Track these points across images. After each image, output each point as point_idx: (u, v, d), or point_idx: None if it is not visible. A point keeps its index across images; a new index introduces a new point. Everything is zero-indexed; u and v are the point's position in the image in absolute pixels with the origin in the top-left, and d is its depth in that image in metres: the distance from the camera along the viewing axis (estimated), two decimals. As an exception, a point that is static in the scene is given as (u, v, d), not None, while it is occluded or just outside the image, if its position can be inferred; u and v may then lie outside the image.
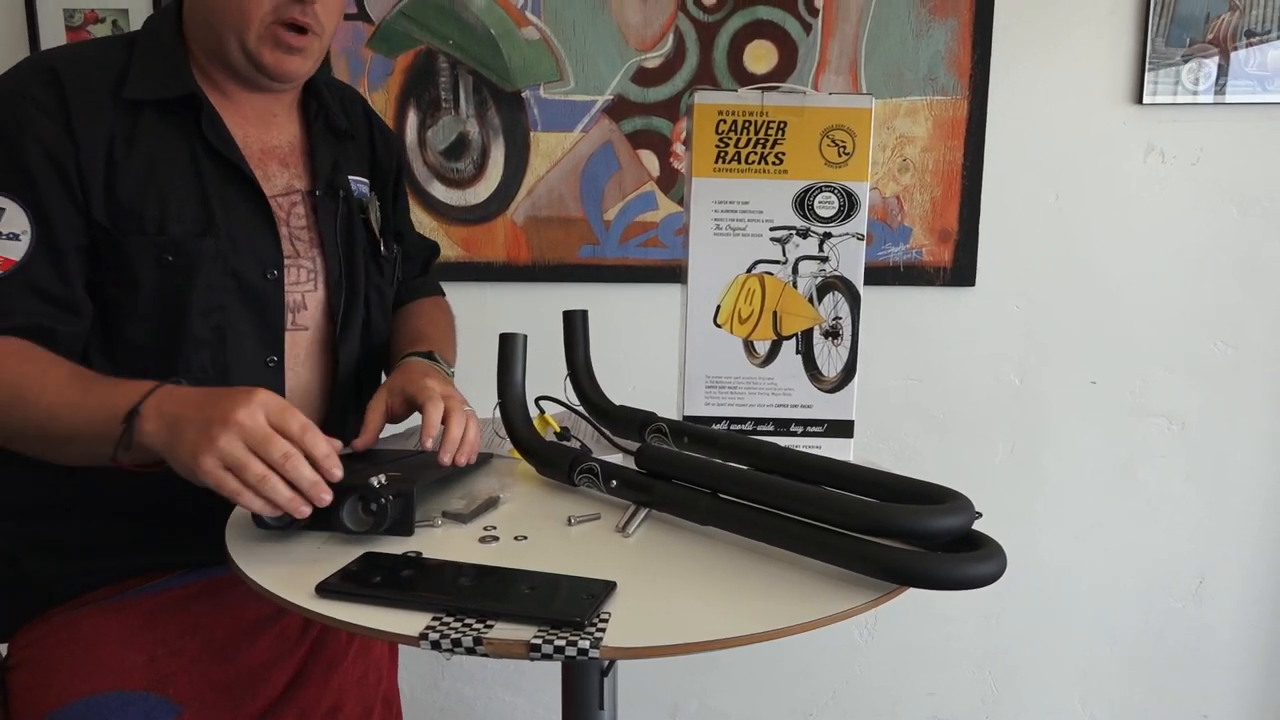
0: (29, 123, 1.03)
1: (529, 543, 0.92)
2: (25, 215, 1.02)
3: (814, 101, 1.11)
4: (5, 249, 1.02)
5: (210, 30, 1.10)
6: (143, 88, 1.08)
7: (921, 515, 0.82)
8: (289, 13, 1.08)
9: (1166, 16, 1.83)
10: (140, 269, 1.06)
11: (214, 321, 1.09)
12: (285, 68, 1.11)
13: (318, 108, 1.23)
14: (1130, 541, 2.04)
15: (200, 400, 0.90)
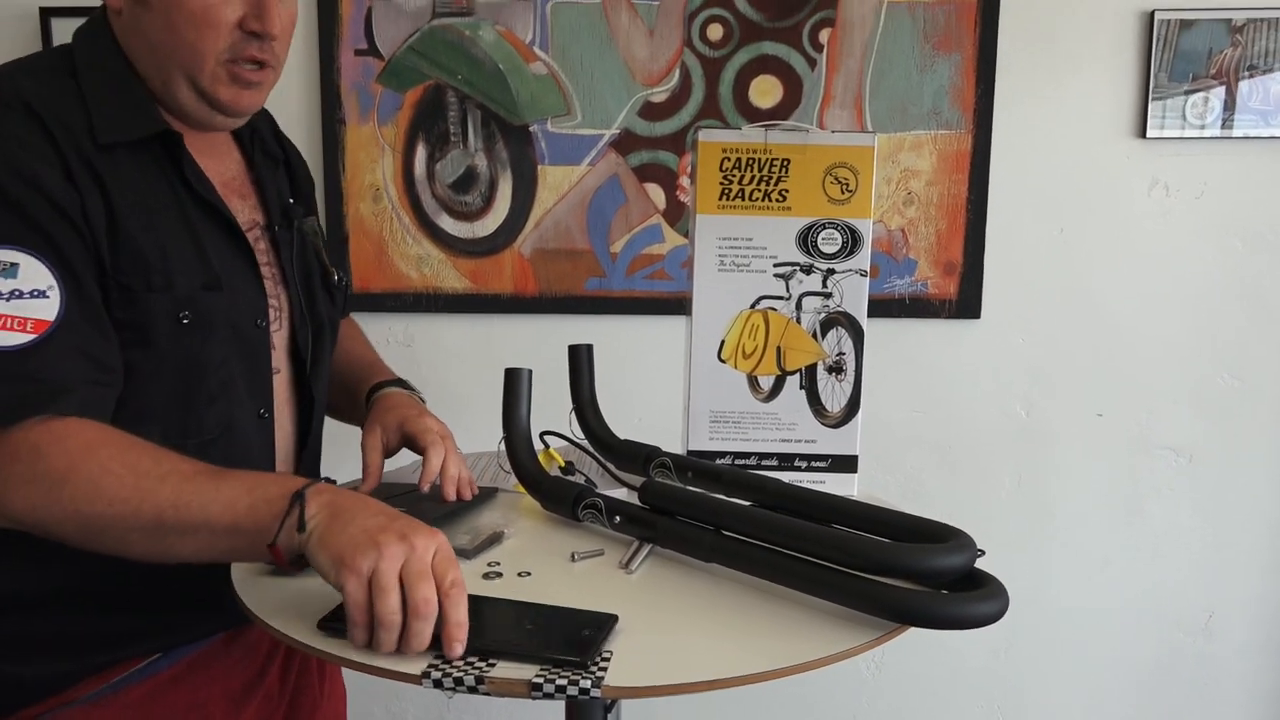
0: (22, 167, 0.92)
1: (532, 579, 0.92)
2: (46, 268, 0.91)
3: (817, 139, 1.12)
4: (34, 309, 0.90)
5: (155, 69, 1.01)
6: (115, 128, 0.98)
7: (924, 554, 0.82)
8: (247, 50, 1.01)
9: (1169, 51, 1.85)
10: (157, 328, 0.98)
11: (221, 377, 1.04)
12: (242, 104, 1.04)
13: (250, 133, 1.15)
14: (1138, 575, 2.02)
15: (372, 505, 0.84)
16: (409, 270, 1.94)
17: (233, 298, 1.04)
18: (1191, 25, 1.84)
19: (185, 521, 0.86)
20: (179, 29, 0.98)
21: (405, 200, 1.92)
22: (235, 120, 1.08)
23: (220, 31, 0.98)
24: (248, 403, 1.08)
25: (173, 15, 0.97)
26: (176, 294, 0.99)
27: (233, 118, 1.07)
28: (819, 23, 1.86)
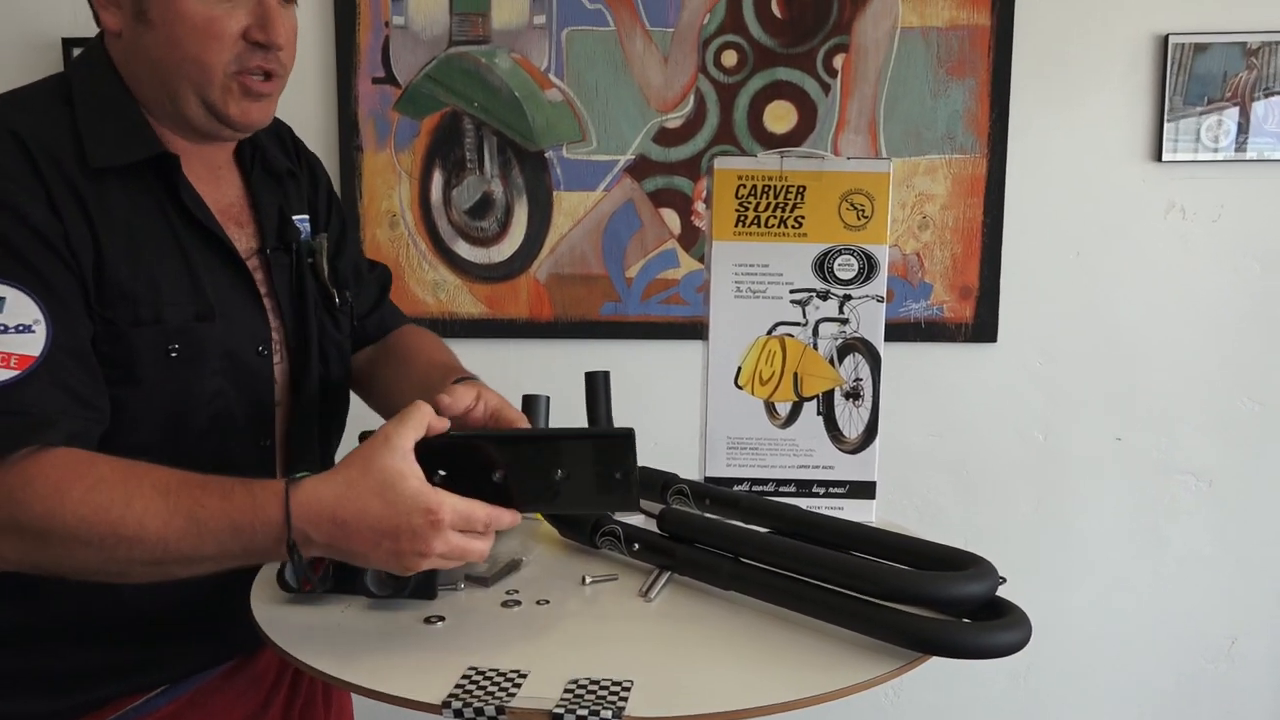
0: (8, 198, 0.90)
1: (551, 606, 0.92)
2: (33, 302, 0.89)
3: (833, 166, 1.12)
4: (18, 344, 0.88)
5: (160, 87, 1.00)
6: (108, 153, 0.97)
7: (945, 582, 0.81)
8: (252, 60, 0.99)
9: (1184, 74, 1.85)
10: (144, 363, 0.96)
11: (213, 410, 1.01)
12: (251, 117, 1.02)
13: (252, 151, 1.13)
14: (1159, 600, 2.01)
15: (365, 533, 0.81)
16: (425, 296, 1.94)
17: (229, 326, 1.02)
18: (1206, 49, 1.84)
19: (182, 559, 0.85)
20: (183, 43, 0.97)
21: (421, 226, 1.94)
22: (242, 135, 1.07)
23: (225, 43, 0.97)
24: (247, 434, 1.06)
25: (176, 30, 0.97)
26: (166, 327, 0.97)
27: (242, 132, 1.06)
28: (833, 48, 1.87)
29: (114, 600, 0.98)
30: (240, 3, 0.98)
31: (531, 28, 1.89)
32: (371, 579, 0.89)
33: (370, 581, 0.89)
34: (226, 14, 0.97)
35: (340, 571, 0.89)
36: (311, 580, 0.89)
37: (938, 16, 1.85)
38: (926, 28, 1.85)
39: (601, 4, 1.87)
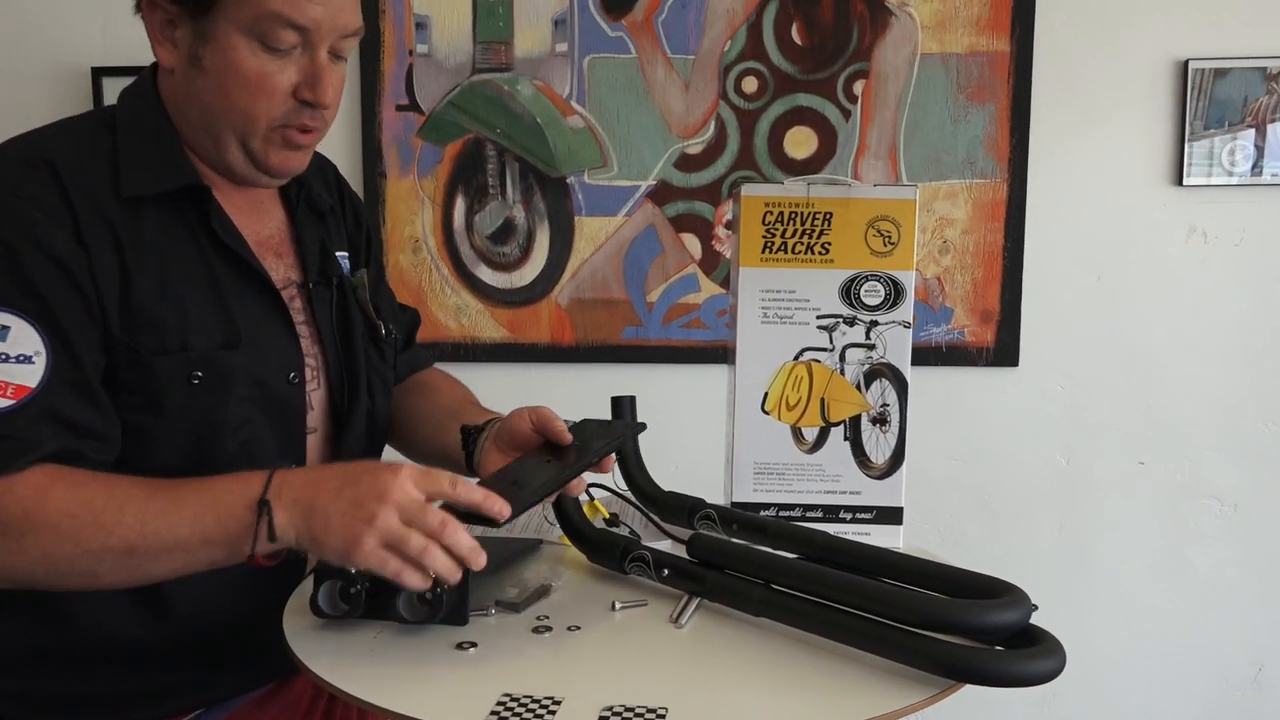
0: (32, 228, 0.91)
1: (582, 632, 0.92)
2: (37, 333, 0.90)
3: (859, 193, 1.13)
4: (17, 374, 0.90)
5: (204, 129, 1.02)
6: (141, 182, 0.98)
7: (979, 610, 0.81)
8: (299, 118, 1.01)
9: (1204, 99, 1.85)
10: (167, 391, 0.97)
11: (243, 436, 1.02)
12: (290, 166, 1.05)
13: (298, 188, 1.14)
14: (1185, 626, 1.99)
15: (331, 483, 0.87)
16: (447, 320, 1.96)
17: (258, 354, 1.03)
18: (1226, 74, 1.84)
19: (156, 546, 0.88)
20: (233, 94, 0.98)
21: (444, 251, 1.95)
22: (278, 183, 1.09)
23: (275, 99, 0.99)
24: (279, 462, 1.04)
25: (227, 80, 0.98)
26: (191, 354, 0.98)
27: (279, 180, 1.08)
28: (853, 75, 1.88)
29: (151, 625, 0.99)
30: (292, 60, 0.99)
31: (554, 55, 1.91)
32: (404, 603, 0.90)
33: (402, 606, 0.90)
34: (279, 70, 0.98)
35: (373, 597, 0.89)
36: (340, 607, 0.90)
37: (957, 43, 1.86)
38: (946, 54, 1.87)
39: (623, 32, 1.89)
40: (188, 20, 0.98)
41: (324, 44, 0.99)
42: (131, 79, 1.90)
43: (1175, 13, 1.85)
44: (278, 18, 0.96)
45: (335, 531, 0.85)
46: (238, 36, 0.96)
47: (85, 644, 1.01)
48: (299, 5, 0.96)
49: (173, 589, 0.98)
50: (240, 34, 0.96)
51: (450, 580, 0.86)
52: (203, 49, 0.98)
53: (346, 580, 0.90)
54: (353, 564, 0.86)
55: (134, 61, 1.93)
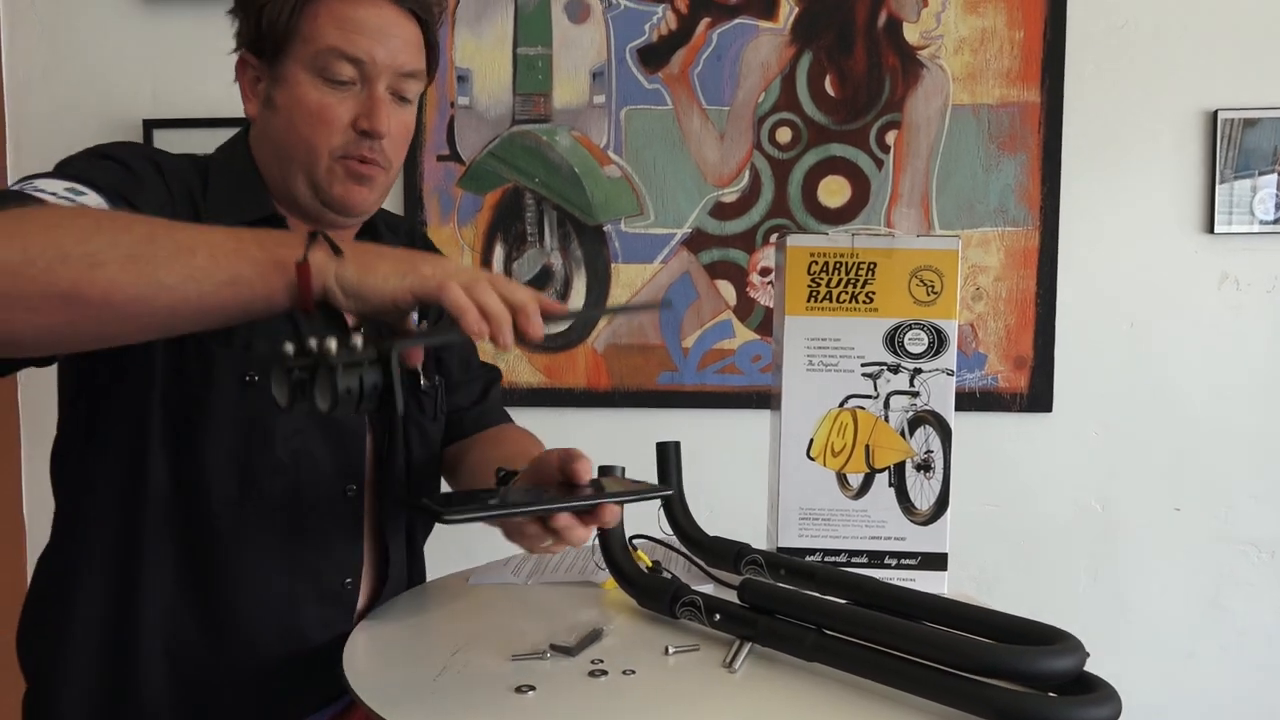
0: (153, 169, 1.00)
1: (637, 676, 0.93)
2: (105, 207, 0.91)
3: (902, 244, 1.15)
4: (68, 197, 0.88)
5: (277, 167, 1.09)
6: (221, 210, 1.05)
7: (1035, 656, 0.82)
8: (358, 149, 1.07)
9: (1234, 149, 1.88)
10: (221, 387, 1.01)
11: (294, 446, 1.05)
12: (353, 199, 1.09)
13: (371, 239, 1.19)
14: (1222, 674, 1.98)
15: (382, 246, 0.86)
16: (486, 365, 1.99)
17: None
18: (1255, 124, 1.87)
19: (182, 240, 0.78)
20: (298, 127, 1.05)
21: (483, 298, 1.98)
22: (348, 219, 1.13)
23: (334, 129, 1.05)
24: (331, 475, 1.09)
25: (293, 114, 1.05)
26: (252, 354, 1.02)
27: (345, 215, 1.11)
28: (885, 125, 1.92)
29: (204, 659, 1.02)
30: (352, 94, 1.06)
31: (591, 107, 1.95)
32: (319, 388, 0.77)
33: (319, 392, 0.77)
34: (338, 102, 1.05)
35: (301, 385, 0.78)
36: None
37: (988, 94, 1.89)
38: (977, 105, 1.90)
39: (659, 84, 1.94)
40: (267, 70, 1.07)
41: (381, 79, 1.06)
42: (181, 130, 1.97)
43: (1204, 64, 1.88)
44: (334, 51, 1.04)
45: (390, 260, 0.80)
46: (303, 74, 1.05)
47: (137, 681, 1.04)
48: (352, 39, 1.04)
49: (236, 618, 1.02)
50: (304, 71, 1.05)
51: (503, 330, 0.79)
52: (275, 90, 1.07)
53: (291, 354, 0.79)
54: (414, 285, 0.79)
55: (184, 114, 2.00)
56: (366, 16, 1.05)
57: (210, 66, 2.01)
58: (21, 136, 2.05)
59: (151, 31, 2.02)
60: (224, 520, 1.04)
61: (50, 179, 0.91)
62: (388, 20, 1.06)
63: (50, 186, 0.89)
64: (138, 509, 1.03)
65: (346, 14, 1.04)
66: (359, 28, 1.04)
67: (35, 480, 2.09)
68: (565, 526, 0.93)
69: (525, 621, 1.07)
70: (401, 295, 0.78)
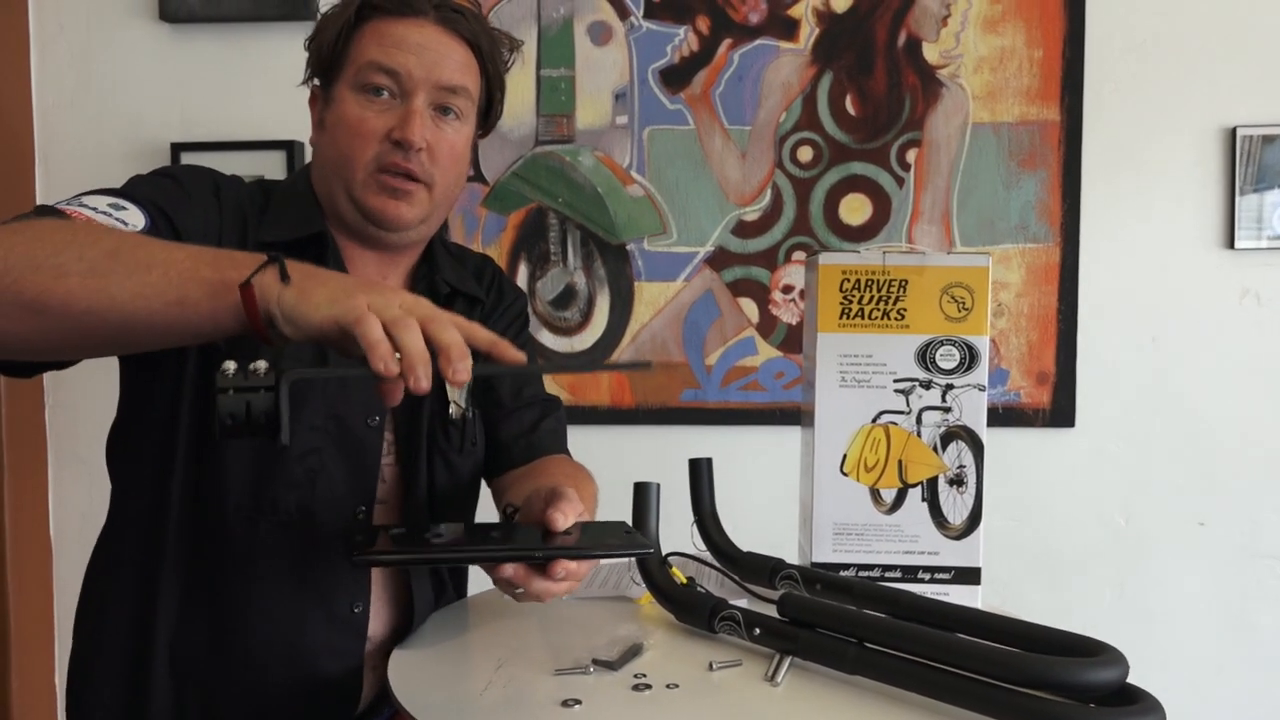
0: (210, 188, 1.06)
1: (681, 691, 0.94)
2: (145, 223, 0.96)
3: (934, 261, 1.17)
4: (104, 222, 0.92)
5: (326, 183, 1.12)
6: (275, 230, 1.09)
7: (1079, 667, 0.83)
8: (392, 158, 1.07)
9: (1253, 165, 1.89)
10: None
11: (308, 464, 1.06)
12: (389, 212, 1.09)
13: (426, 271, 1.19)
14: (1250, 691, 1.97)
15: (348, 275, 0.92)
16: (510, 383, 2.00)
17: (341, 391, 1.08)
18: (1274, 140, 1.88)
19: (140, 258, 0.79)
20: (339, 142, 1.09)
21: (507, 316, 2.00)
22: (390, 235, 1.12)
23: (369, 140, 1.08)
24: (344, 495, 1.09)
25: (337, 132, 1.09)
26: None
27: (384, 229, 1.11)
28: (906, 143, 1.94)
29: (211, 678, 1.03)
30: (391, 107, 1.09)
31: (614, 127, 1.97)
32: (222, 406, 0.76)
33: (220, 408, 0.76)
34: (376, 115, 1.08)
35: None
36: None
37: (1008, 113, 1.91)
38: (997, 123, 1.92)
39: (681, 104, 1.96)
40: (322, 94, 1.14)
41: (418, 92, 1.08)
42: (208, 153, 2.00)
43: (1222, 82, 1.90)
44: (372, 64, 1.08)
45: (332, 287, 0.78)
46: (347, 92, 1.09)
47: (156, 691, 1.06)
48: (391, 53, 1.07)
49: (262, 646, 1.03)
50: (349, 89, 1.09)
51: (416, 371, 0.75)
52: (326, 112, 1.12)
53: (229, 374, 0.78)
54: (339, 314, 0.76)
55: (211, 138, 2.02)
56: (406, 33, 1.08)
57: (238, 90, 2.04)
58: (51, 160, 2.08)
59: (179, 56, 2.05)
60: (237, 532, 1.05)
61: (98, 195, 0.97)
62: (429, 37, 1.09)
63: (94, 202, 0.94)
64: (161, 516, 1.06)
65: (387, 30, 1.08)
66: (398, 43, 1.08)
67: (62, 499, 2.11)
68: (510, 579, 0.89)
69: (564, 636, 1.08)
70: (327, 325, 0.76)
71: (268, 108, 2.02)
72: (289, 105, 1.84)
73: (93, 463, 1.97)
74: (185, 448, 1.05)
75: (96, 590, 1.12)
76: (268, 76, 2.02)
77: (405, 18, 1.08)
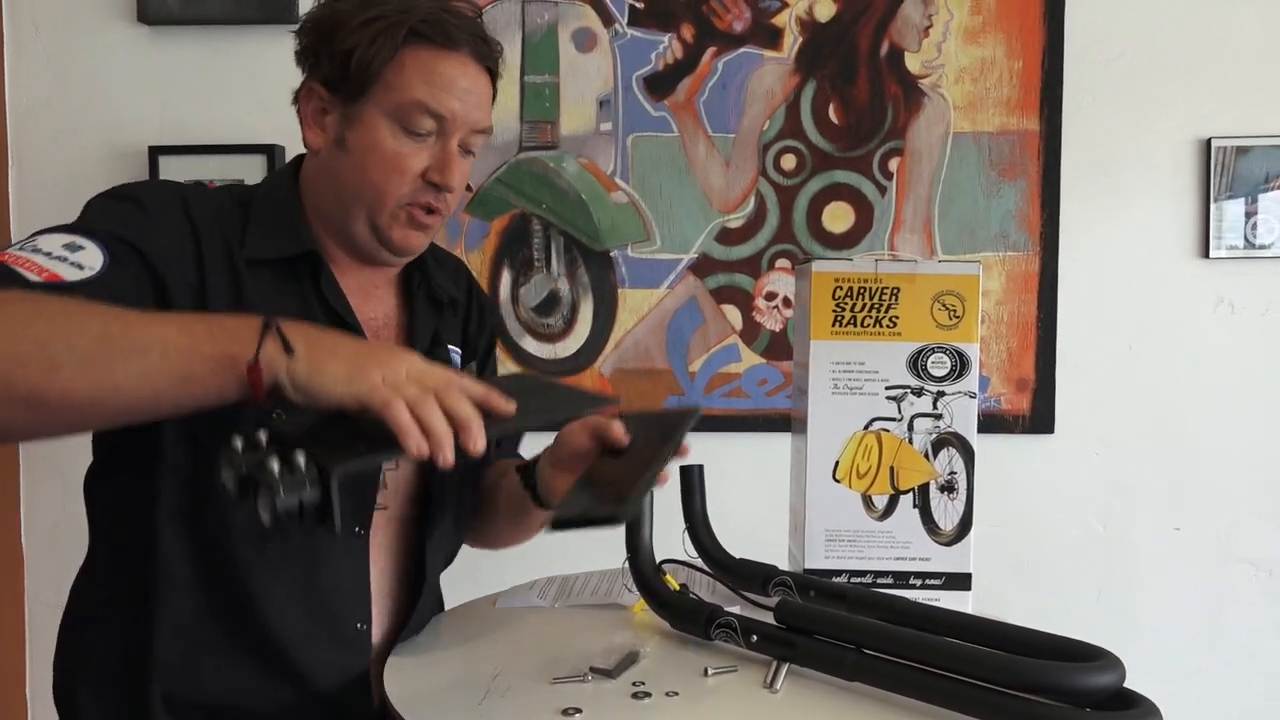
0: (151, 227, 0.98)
1: (680, 698, 0.94)
2: (103, 261, 0.92)
3: (925, 269, 1.18)
4: (63, 270, 0.89)
5: (336, 204, 1.09)
6: (263, 247, 1.06)
7: (1078, 672, 0.84)
8: (424, 197, 1.07)
9: (1227, 176, 1.92)
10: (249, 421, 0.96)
11: None
12: (411, 244, 1.10)
13: (421, 279, 1.19)
14: (1224, 691, 2.00)
15: (334, 335, 0.87)
16: (493, 390, 1.99)
17: None
18: (1248, 151, 1.92)
19: (136, 339, 0.80)
20: (370, 172, 1.06)
21: (490, 323, 2.00)
22: (398, 259, 1.14)
23: (406, 178, 1.06)
24: (347, 517, 1.05)
25: (367, 159, 1.06)
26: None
27: (400, 256, 1.13)
28: (888, 152, 1.95)
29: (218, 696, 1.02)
30: (427, 145, 1.06)
31: (598, 134, 1.97)
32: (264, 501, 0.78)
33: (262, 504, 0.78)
34: (413, 153, 1.06)
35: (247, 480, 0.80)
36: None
37: (988, 122, 1.93)
38: (978, 133, 1.94)
39: (666, 111, 1.97)
40: (339, 106, 1.07)
41: (456, 134, 1.07)
42: (187, 157, 1.96)
43: (1198, 94, 1.93)
44: (420, 105, 1.04)
45: (342, 359, 0.82)
46: (382, 120, 1.05)
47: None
48: (440, 97, 1.04)
49: None
50: (384, 118, 1.05)
51: (444, 453, 0.80)
52: (349, 131, 1.06)
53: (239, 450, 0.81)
54: (360, 394, 0.80)
55: (190, 141, 2.00)
56: (454, 74, 1.05)
57: (218, 94, 2.02)
58: (25, 163, 2.05)
59: (158, 58, 2.02)
60: (238, 566, 1.03)
61: (52, 234, 0.94)
62: (471, 78, 1.07)
63: (47, 244, 0.92)
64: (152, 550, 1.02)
65: (436, 68, 1.05)
66: (447, 85, 1.05)
67: (33, 506, 2.08)
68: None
69: (559, 645, 1.07)
70: (348, 401, 0.81)
71: (248, 111, 2.00)
72: (270, 109, 1.83)
73: (65, 469, 1.94)
74: (178, 488, 1.02)
75: (81, 632, 1.08)
76: (249, 80, 2.00)
77: (447, 51, 1.06)
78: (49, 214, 2.03)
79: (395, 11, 1.04)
